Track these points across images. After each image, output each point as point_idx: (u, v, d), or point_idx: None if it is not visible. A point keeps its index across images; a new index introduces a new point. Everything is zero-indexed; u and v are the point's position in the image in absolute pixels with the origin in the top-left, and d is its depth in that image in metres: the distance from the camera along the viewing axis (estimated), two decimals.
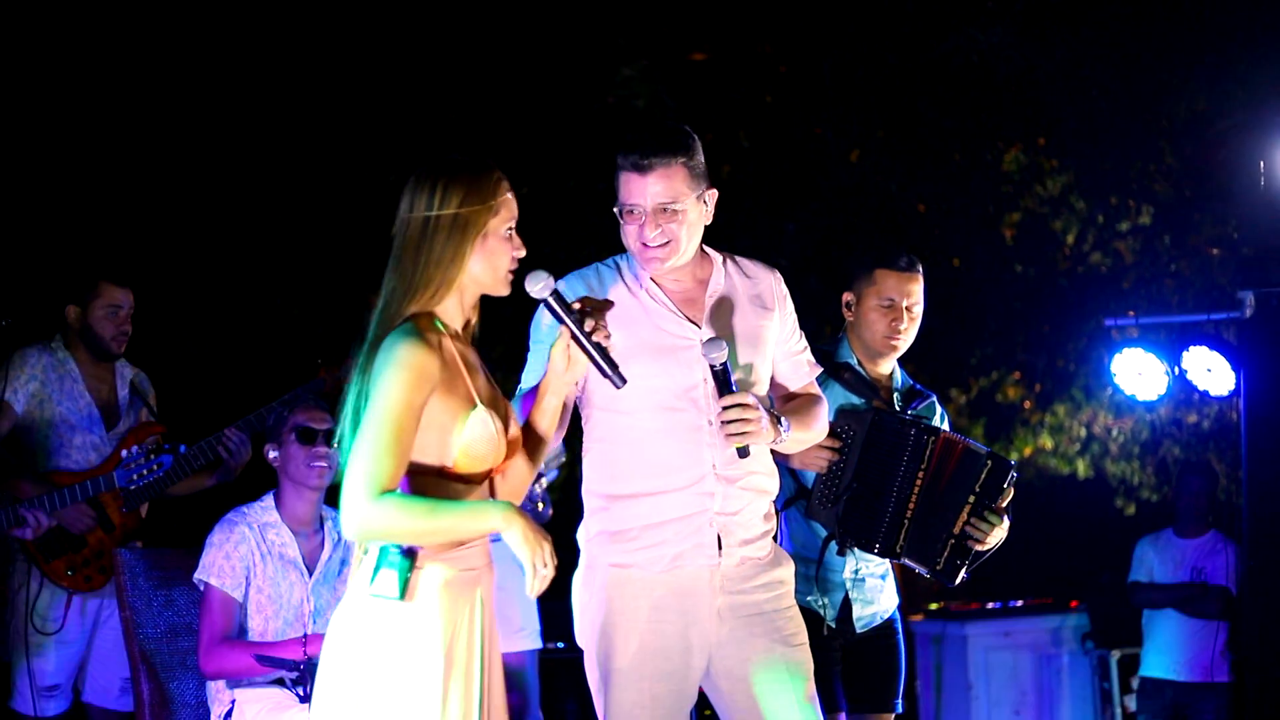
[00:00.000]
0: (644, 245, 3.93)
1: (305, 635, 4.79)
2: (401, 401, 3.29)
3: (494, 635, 3.52)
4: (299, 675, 4.55)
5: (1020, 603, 9.11)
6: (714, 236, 4.24)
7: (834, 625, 4.82)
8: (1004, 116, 9.65)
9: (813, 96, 9.71)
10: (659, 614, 3.94)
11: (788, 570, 4.12)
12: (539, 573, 3.32)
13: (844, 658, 4.86)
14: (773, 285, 4.15)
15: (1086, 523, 10.82)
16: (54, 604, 5.76)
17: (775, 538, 4.16)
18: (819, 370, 4.27)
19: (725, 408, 3.85)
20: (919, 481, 4.67)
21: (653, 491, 3.94)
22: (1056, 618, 8.99)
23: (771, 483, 4.12)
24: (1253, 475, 6.66)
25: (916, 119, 9.71)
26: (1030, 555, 10.95)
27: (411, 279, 3.40)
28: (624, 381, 3.59)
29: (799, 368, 4.20)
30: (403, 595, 3.33)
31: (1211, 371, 6.96)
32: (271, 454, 5.07)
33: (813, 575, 4.81)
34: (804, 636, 4.07)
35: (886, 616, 4.95)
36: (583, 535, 4.07)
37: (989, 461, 4.70)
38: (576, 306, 3.56)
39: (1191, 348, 6.94)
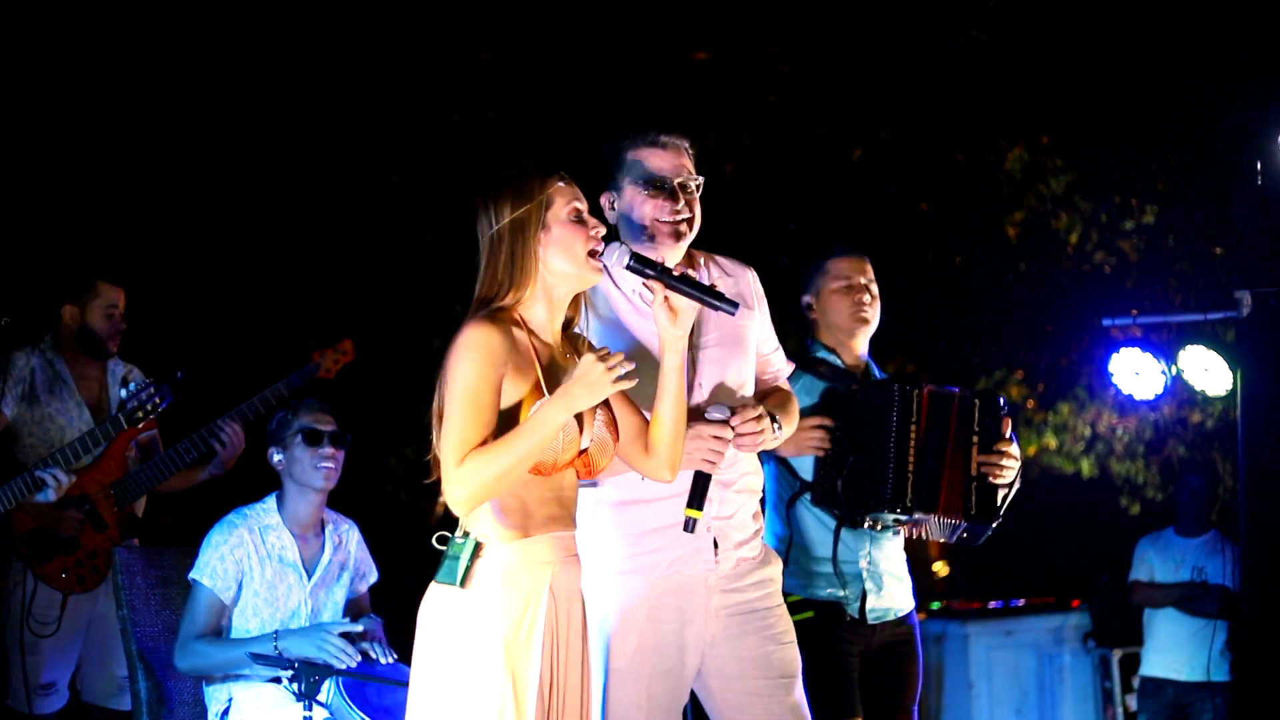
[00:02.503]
0: (661, 222, 3.99)
1: (276, 632, 4.81)
2: (473, 375, 3.44)
3: (572, 631, 3.60)
4: (294, 673, 4.57)
5: (1022, 602, 9.12)
6: (717, 235, 4.27)
7: (855, 616, 4.86)
8: (1006, 115, 9.64)
9: (815, 96, 9.71)
10: (657, 613, 3.98)
11: (776, 569, 4.17)
12: (618, 372, 3.43)
13: (861, 664, 4.90)
14: (750, 283, 4.20)
15: (1091, 522, 10.81)
16: (49, 605, 5.78)
17: (763, 536, 4.21)
18: (791, 367, 4.34)
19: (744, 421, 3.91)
20: (913, 435, 4.72)
21: (649, 498, 3.97)
22: (1058, 617, 9.00)
23: (759, 481, 4.18)
24: (1250, 474, 6.66)
25: (919, 118, 9.71)
26: (1035, 554, 10.98)
27: (485, 285, 3.58)
28: (735, 307, 3.67)
29: (774, 364, 4.27)
30: (461, 582, 3.47)
31: (1208, 371, 6.99)
32: (276, 457, 5.07)
33: (830, 570, 4.85)
34: (793, 635, 4.12)
35: (900, 614, 4.99)
36: (582, 542, 4.10)
37: (977, 400, 4.76)
38: (656, 260, 3.66)
39: (1188, 347, 6.97)
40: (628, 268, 3.62)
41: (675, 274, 3.63)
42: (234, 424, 5.79)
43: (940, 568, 11.30)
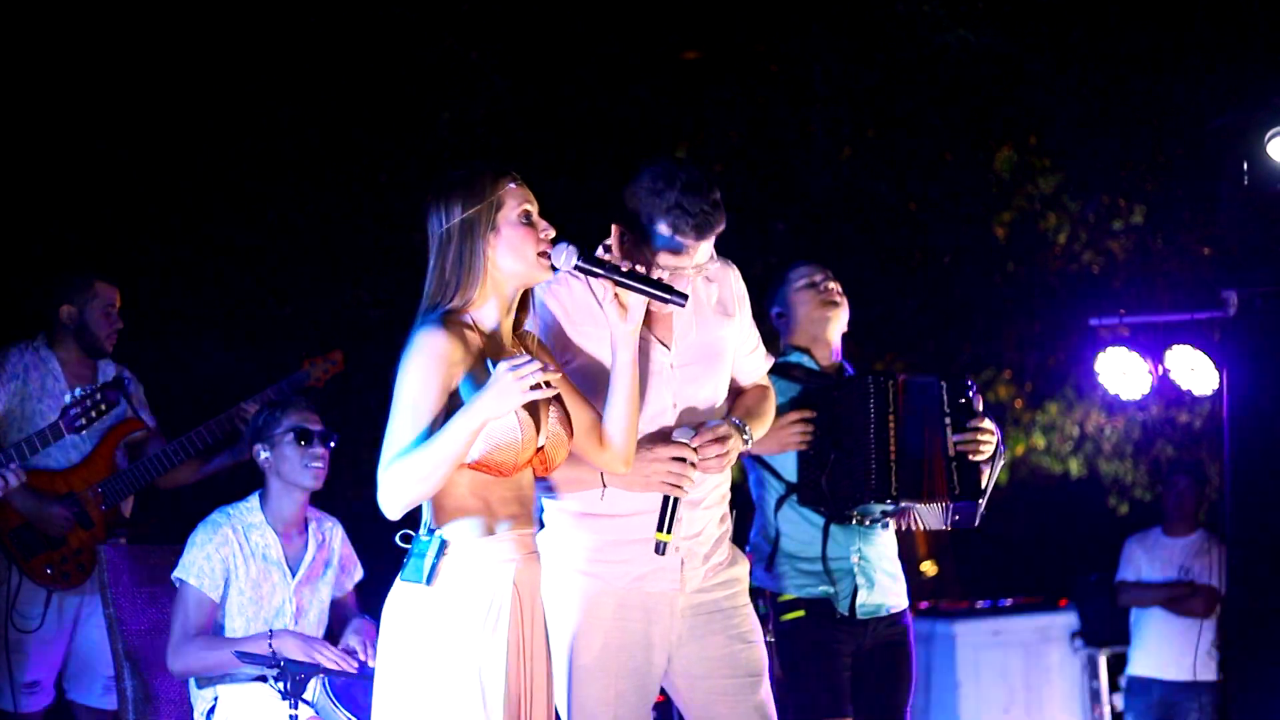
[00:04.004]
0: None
1: (270, 630, 4.81)
2: (417, 380, 3.47)
3: (536, 627, 3.62)
4: (279, 672, 4.57)
5: (1009, 601, 9.13)
6: None
7: (845, 613, 4.86)
8: (995, 116, 9.65)
9: (804, 96, 9.71)
10: (624, 612, 3.99)
11: (743, 569, 4.18)
12: (530, 381, 3.39)
13: (854, 663, 4.91)
14: (732, 285, 4.18)
15: (1080, 522, 10.83)
16: (33, 601, 5.78)
17: (732, 538, 4.21)
18: (771, 361, 4.33)
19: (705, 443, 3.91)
20: (891, 424, 4.73)
21: (618, 514, 3.97)
22: (1045, 616, 9.01)
23: (726, 485, 4.17)
24: (1236, 473, 6.69)
25: (907, 118, 9.71)
26: (1023, 554, 11.00)
27: (435, 285, 3.59)
28: (685, 299, 3.68)
29: (752, 362, 4.25)
30: (427, 580, 3.50)
31: (1195, 370, 7.00)
32: (263, 455, 5.06)
33: (820, 569, 4.87)
34: (759, 634, 4.13)
35: (893, 611, 4.99)
36: (544, 542, 4.09)
37: (943, 383, 4.79)
38: (605, 257, 3.66)
39: (1174, 346, 6.99)
40: (576, 268, 3.62)
41: (624, 270, 3.63)
42: (256, 406, 5.78)
43: (929, 567, 11.31)
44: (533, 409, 3.52)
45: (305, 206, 8.84)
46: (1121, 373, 7.25)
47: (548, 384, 3.44)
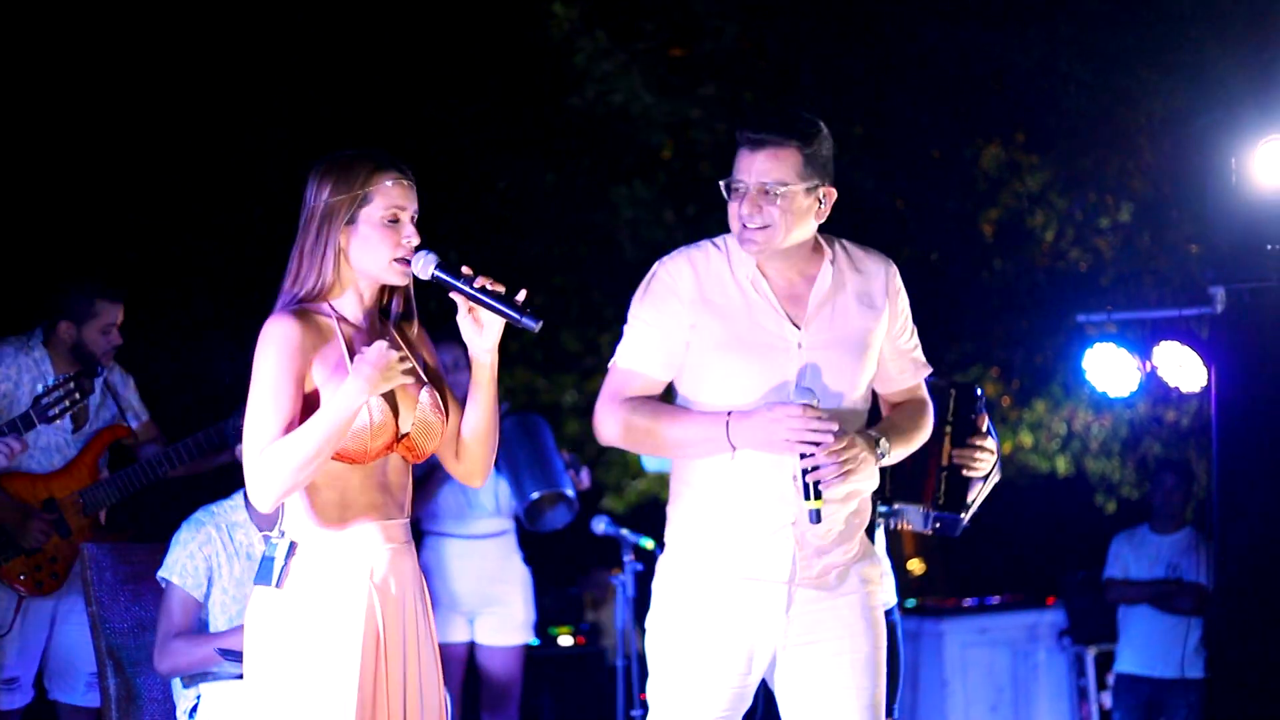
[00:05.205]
0: (742, 225, 3.79)
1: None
2: (268, 369, 3.40)
3: (412, 620, 3.55)
4: None
5: (997, 599, 9.12)
6: (694, 232, 4.19)
7: None
8: (982, 113, 9.64)
9: (791, 92, 9.70)
10: (732, 603, 3.85)
11: (874, 569, 4.01)
12: (390, 369, 3.35)
13: None
14: (885, 281, 3.99)
15: (1066, 520, 10.83)
16: (4, 606, 5.72)
17: (869, 532, 4.07)
18: (928, 370, 4.15)
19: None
20: None
21: (732, 492, 3.85)
22: (1033, 614, 9.00)
23: (870, 485, 3.98)
24: (1224, 470, 6.69)
25: (894, 115, 9.70)
26: (1010, 552, 11.00)
27: (294, 263, 3.53)
28: (539, 321, 3.53)
29: (905, 368, 4.07)
30: (276, 583, 3.46)
31: (1183, 367, 6.99)
32: None
33: None
34: (882, 639, 3.96)
35: (883, 608, 4.96)
36: (669, 515, 4.01)
37: (953, 390, 4.68)
38: (466, 271, 3.52)
39: (1162, 343, 6.97)
40: (433, 277, 3.51)
41: (476, 285, 3.50)
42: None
43: (916, 565, 11.31)
44: (389, 395, 3.46)
45: (291, 202, 8.83)
46: (1109, 370, 7.23)
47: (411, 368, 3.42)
